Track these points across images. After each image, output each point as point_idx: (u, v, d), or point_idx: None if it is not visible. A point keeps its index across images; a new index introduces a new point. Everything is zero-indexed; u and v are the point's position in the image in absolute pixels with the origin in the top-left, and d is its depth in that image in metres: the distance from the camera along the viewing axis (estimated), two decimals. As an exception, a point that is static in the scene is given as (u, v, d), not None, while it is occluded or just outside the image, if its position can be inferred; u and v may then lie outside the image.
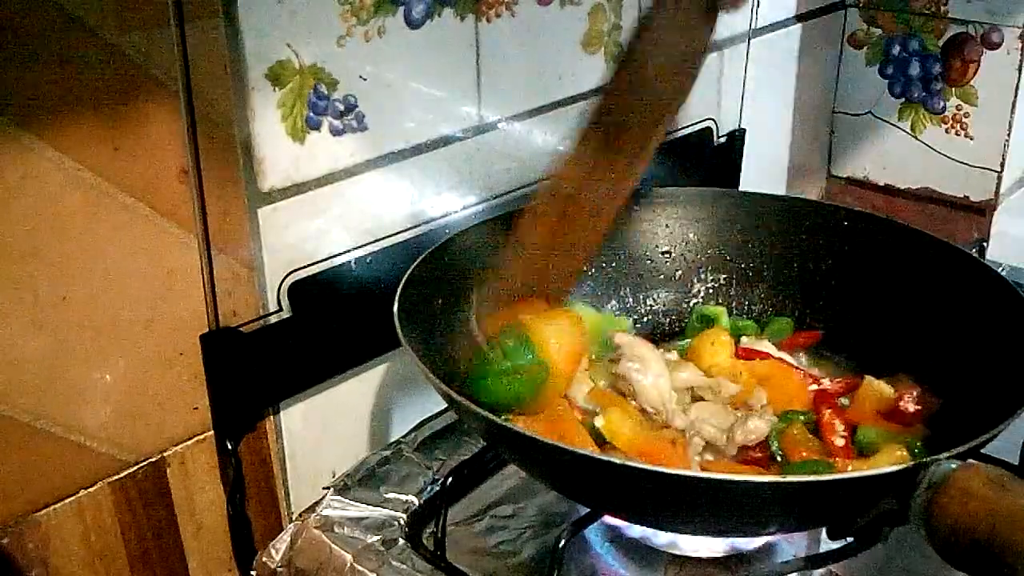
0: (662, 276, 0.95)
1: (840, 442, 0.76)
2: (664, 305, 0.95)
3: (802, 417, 0.78)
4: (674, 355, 0.87)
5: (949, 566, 0.57)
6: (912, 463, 0.58)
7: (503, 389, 0.74)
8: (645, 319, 0.94)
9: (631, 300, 0.94)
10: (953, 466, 0.57)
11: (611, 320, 0.90)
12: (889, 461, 0.71)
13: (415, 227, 0.86)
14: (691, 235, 0.95)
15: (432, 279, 0.80)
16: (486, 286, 0.79)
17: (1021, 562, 0.52)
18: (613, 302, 0.93)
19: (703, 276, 0.95)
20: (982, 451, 0.65)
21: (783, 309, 0.93)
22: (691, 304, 0.95)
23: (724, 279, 0.95)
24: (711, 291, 0.95)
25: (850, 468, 0.72)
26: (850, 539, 0.64)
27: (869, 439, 0.76)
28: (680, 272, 0.94)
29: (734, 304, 0.95)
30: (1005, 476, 0.56)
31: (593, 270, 0.93)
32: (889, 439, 0.75)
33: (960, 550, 0.55)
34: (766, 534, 0.73)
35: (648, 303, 0.94)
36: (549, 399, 0.76)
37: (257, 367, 0.76)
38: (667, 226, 0.95)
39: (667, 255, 0.95)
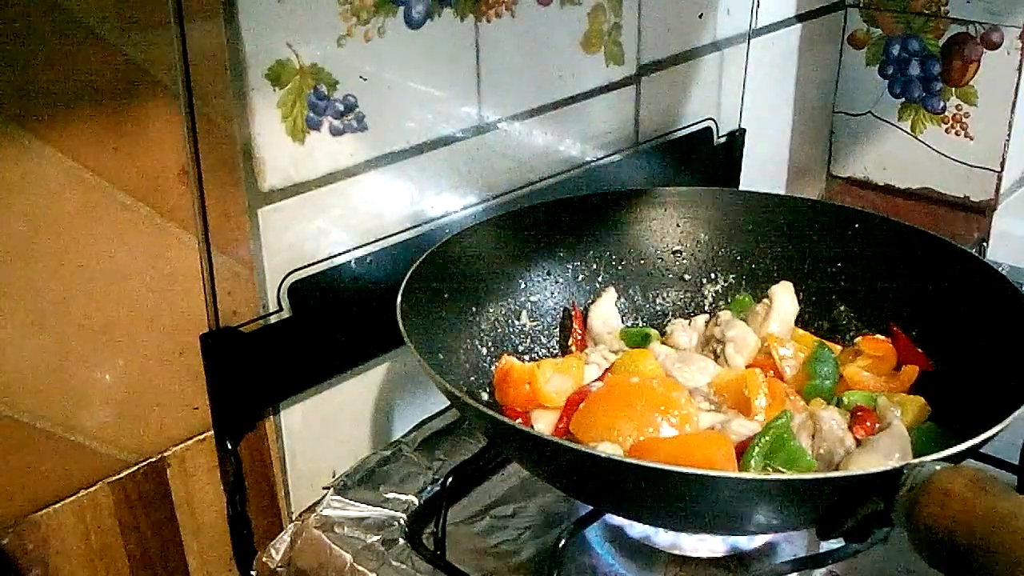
0: (671, 275, 0.95)
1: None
2: (673, 304, 0.94)
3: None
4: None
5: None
6: (896, 465, 0.58)
7: None
8: (654, 319, 0.94)
9: (639, 299, 0.94)
10: (937, 468, 0.57)
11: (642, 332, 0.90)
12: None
13: (415, 227, 0.85)
14: (702, 235, 0.95)
15: (435, 277, 0.80)
16: None
17: (997, 564, 0.52)
18: (622, 300, 0.93)
19: (713, 276, 0.94)
20: (982, 451, 0.65)
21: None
22: (704, 304, 0.95)
23: (734, 279, 0.94)
24: (721, 291, 0.94)
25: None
26: (840, 539, 0.64)
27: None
28: (690, 272, 0.94)
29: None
30: (987, 478, 0.55)
31: (603, 269, 0.93)
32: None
33: (939, 551, 0.55)
34: (754, 532, 0.73)
35: (658, 302, 0.94)
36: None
37: (257, 367, 0.76)
38: (678, 225, 0.95)
39: (678, 254, 0.95)
